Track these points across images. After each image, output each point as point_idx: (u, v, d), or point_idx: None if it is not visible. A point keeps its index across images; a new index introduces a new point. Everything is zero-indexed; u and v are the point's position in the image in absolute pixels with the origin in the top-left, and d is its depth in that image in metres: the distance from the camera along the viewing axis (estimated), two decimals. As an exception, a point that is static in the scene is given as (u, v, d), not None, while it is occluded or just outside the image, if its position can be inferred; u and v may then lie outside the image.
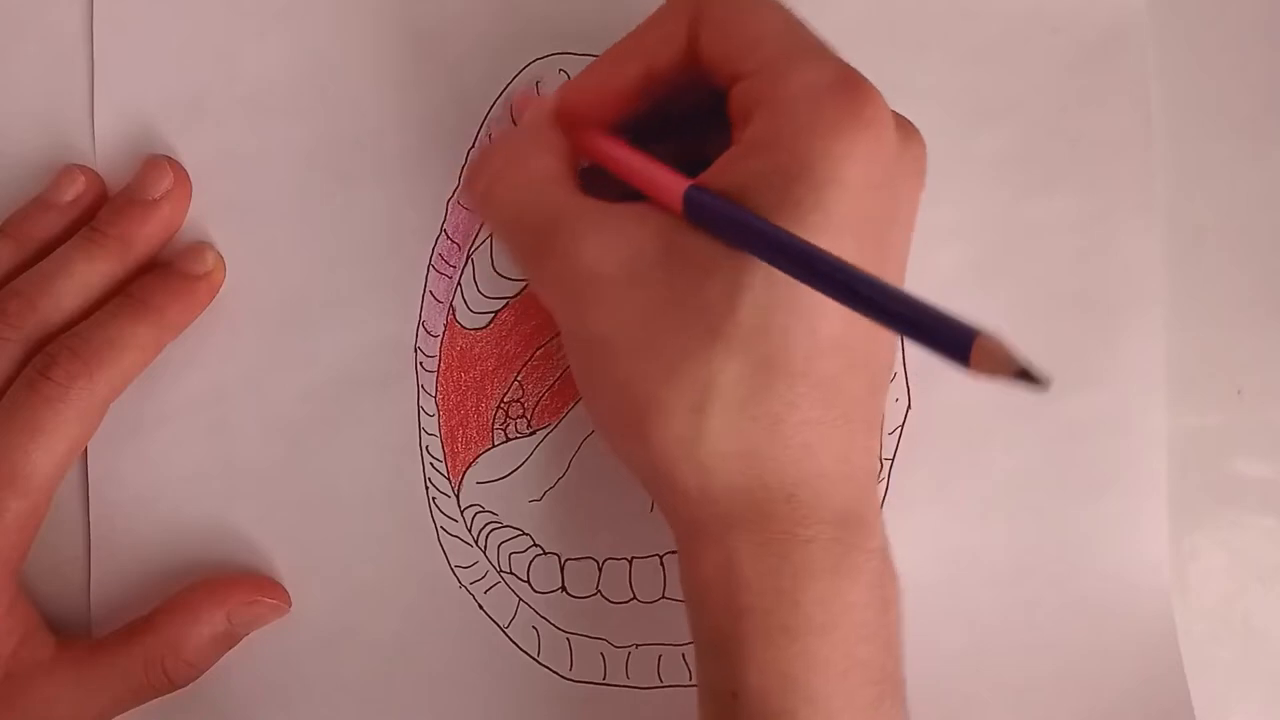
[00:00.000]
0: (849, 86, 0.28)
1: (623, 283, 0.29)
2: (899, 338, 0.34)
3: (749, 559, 0.29)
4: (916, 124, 0.30)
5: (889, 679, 0.30)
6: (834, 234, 0.27)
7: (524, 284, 0.36)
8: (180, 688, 0.35)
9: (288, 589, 0.36)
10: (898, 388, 0.35)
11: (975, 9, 0.36)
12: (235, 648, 0.35)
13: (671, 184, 0.29)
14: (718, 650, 0.29)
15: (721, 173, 0.29)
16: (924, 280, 0.31)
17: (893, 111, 0.29)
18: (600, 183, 0.31)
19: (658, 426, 0.29)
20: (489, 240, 0.36)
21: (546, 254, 0.30)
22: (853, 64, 0.31)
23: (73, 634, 0.35)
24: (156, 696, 0.34)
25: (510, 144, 0.32)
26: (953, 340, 0.23)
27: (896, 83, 0.31)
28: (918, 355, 0.35)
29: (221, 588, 0.35)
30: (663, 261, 0.28)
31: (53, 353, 0.33)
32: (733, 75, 0.29)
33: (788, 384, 0.28)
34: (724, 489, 0.29)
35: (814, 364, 0.28)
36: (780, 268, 0.27)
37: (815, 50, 0.29)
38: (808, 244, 0.26)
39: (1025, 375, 0.22)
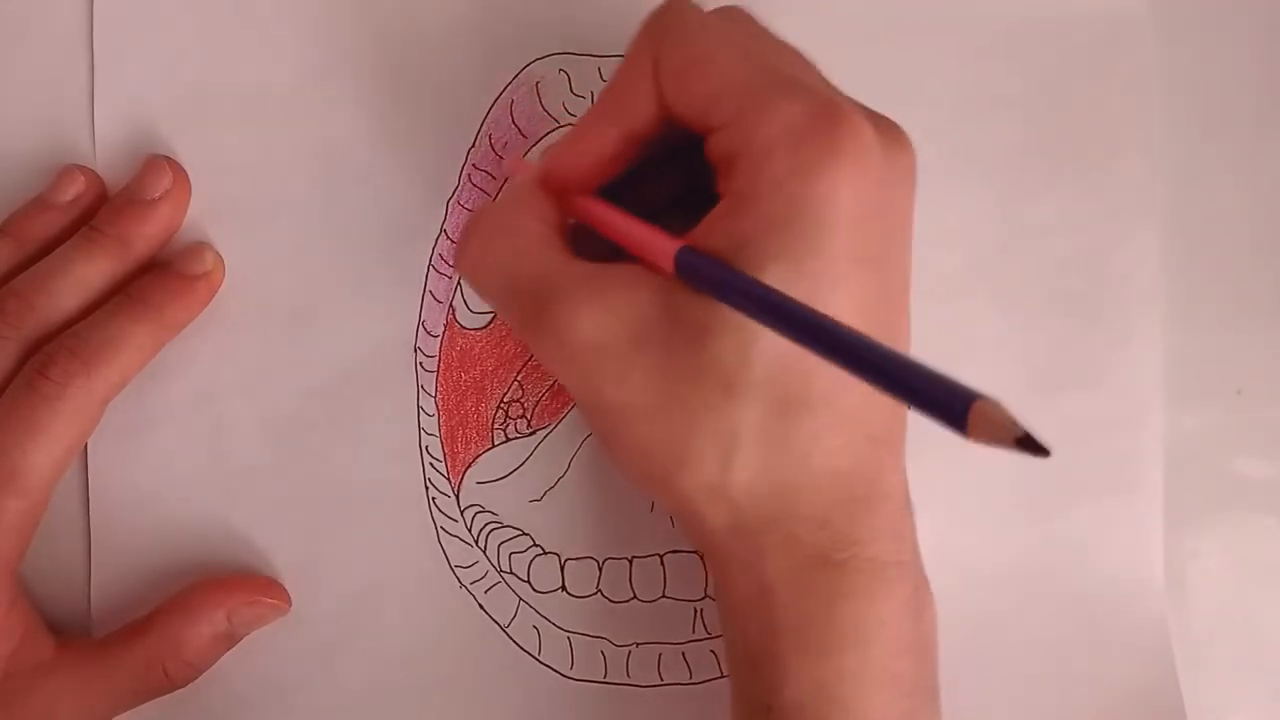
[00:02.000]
0: (821, 120, 0.27)
1: (625, 350, 0.28)
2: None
3: (783, 582, 0.29)
4: (917, 124, 0.30)
5: (924, 690, 0.30)
6: (833, 273, 0.27)
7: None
8: (180, 688, 0.35)
9: (288, 589, 0.36)
10: (898, 387, 0.35)
11: (975, 9, 0.36)
12: (235, 648, 0.35)
13: (662, 246, 0.28)
14: (753, 665, 0.30)
15: (710, 231, 0.28)
16: (924, 281, 0.31)
17: (876, 119, 0.28)
18: (588, 237, 0.30)
19: (687, 478, 0.28)
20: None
21: (543, 326, 0.28)
22: (853, 64, 0.31)
23: (73, 634, 0.35)
24: (157, 696, 0.34)
25: (496, 211, 0.31)
26: (950, 406, 0.22)
27: (897, 83, 0.31)
28: (917, 355, 0.35)
29: (222, 588, 0.35)
30: (664, 324, 0.28)
31: (51, 352, 0.33)
32: (705, 128, 0.29)
33: (811, 418, 0.28)
34: (757, 523, 0.29)
35: (835, 395, 0.28)
36: (772, 328, 0.26)
37: (780, 87, 0.28)
38: (800, 307, 0.25)
39: (1026, 442, 0.21)
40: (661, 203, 0.31)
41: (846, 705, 0.28)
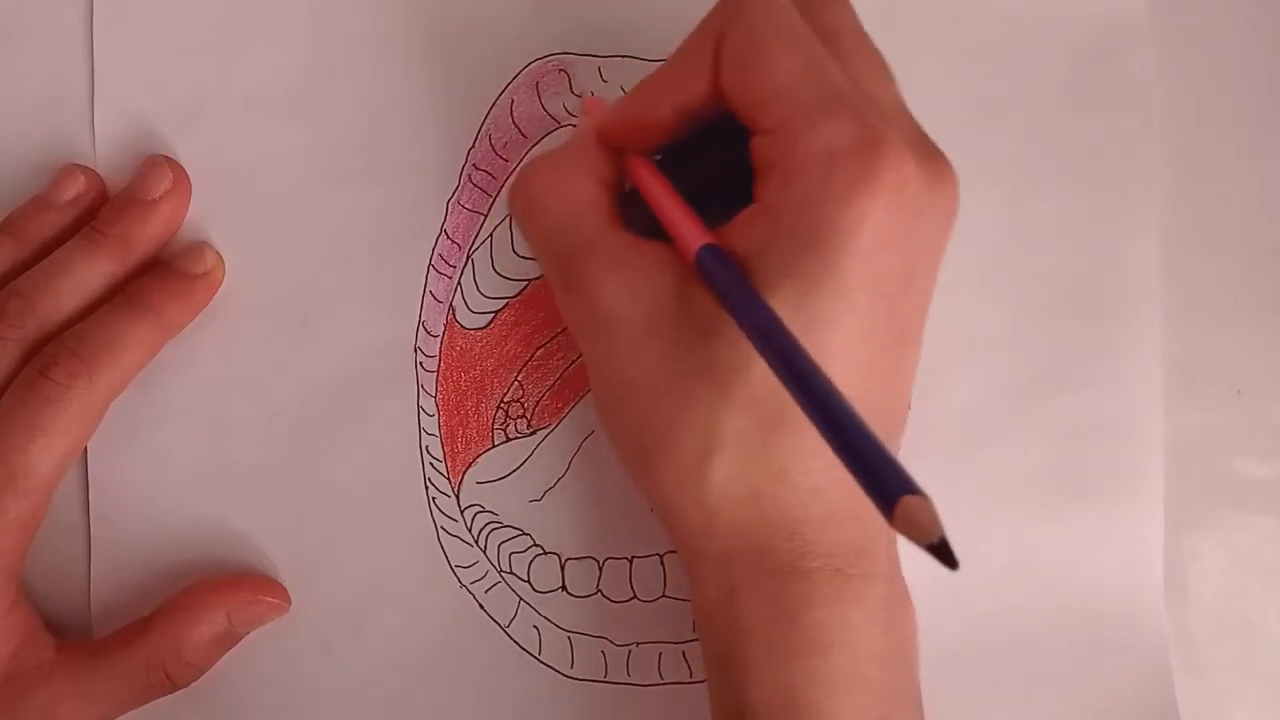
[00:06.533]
0: (862, 147, 0.27)
1: (639, 327, 0.29)
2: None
3: (750, 587, 0.29)
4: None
5: (899, 696, 0.30)
6: (844, 300, 0.27)
7: (524, 284, 0.36)
8: (181, 688, 0.35)
9: (288, 589, 0.36)
10: (898, 388, 0.35)
11: (975, 9, 0.36)
12: (235, 648, 0.35)
13: (690, 236, 0.28)
14: (724, 669, 0.30)
15: (736, 233, 0.28)
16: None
17: (923, 153, 0.28)
18: (639, 206, 0.31)
19: (666, 467, 0.29)
20: (489, 241, 0.36)
21: (572, 285, 0.30)
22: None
23: (73, 635, 0.35)
24: (157, 697, 0.34)
25: (553, 163, 0.31)
26: (885, 489, 0.22)
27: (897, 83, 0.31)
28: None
29: (222, 588, 0.35)
30: (677, 312, 0.28)
31: (52, 353, 0.33)
32: (752, 126, 0.29)
33: (794, 435, 0.28)
34: (727, 526, 0.29)
35: None
36: (762, 355, 0.26)
37: (832, 105, 0.27)
38: (791, 346, 0.25)
39: (939, 549, 0.22)
40: (727, 169, 0.31)
41: (816, 709, 0.28)
